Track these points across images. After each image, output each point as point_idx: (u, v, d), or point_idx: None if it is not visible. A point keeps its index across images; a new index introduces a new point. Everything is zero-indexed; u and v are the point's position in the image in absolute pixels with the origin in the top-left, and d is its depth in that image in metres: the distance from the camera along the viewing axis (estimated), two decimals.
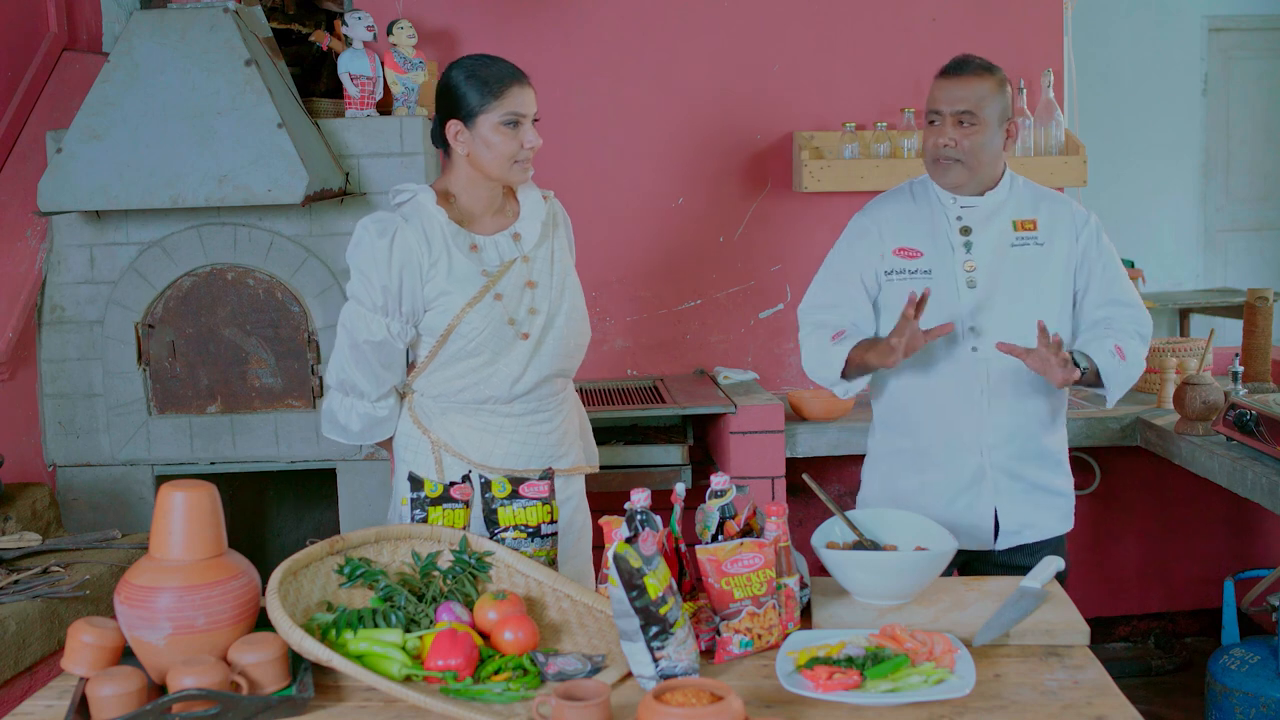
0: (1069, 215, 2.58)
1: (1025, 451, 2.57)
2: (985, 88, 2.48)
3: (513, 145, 2.38)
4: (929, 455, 2.60)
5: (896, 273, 2.56)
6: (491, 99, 2.36)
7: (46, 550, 3.04)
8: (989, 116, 2.48)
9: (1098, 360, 2.46)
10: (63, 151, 3.36)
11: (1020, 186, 2.61)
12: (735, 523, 2.01)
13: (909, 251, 2.56)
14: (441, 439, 2.48)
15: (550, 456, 2.52)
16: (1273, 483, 2.88)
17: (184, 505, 1.80)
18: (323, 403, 2.60)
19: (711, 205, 4.06)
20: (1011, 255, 2.53)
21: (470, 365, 2.42)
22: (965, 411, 2.54)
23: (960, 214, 2.55)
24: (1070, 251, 2.55)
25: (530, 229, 2.49)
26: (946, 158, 2.50)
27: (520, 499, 2.14)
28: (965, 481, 2.57)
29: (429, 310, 2.42)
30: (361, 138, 3.61)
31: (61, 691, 1.86)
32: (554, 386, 2.51)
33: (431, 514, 2.13)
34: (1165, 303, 6.18)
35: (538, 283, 2.46)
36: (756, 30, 4.04)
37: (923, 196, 2.61)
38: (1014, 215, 2.55)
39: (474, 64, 2.41)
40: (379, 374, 2.47)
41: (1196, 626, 4.29)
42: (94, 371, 3.64)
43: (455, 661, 1.79)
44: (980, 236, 2.54)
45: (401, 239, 2.38)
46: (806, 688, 1.73)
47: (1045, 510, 2.59)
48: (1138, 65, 6.76)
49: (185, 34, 3.40)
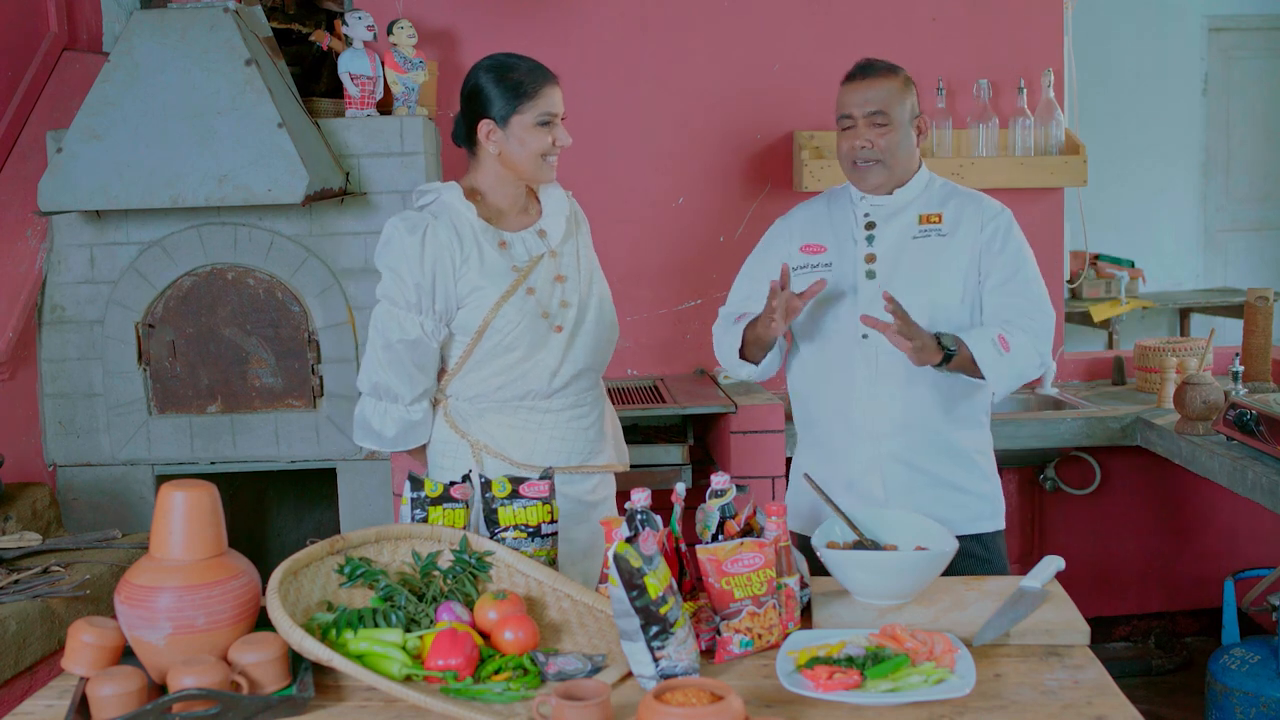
0: (977, 208, 2.57)
1: (924, 443, 2.55)
2: (893, 87, 2.53)
3: (545, 144, 2.43)
4: (827, 445, 2.62)
5: (801, 268, 2.61)
6: (526, 100, 2.41)
7: (47, 550, 3.04)
8: (899, 116, 2.52)
9: (974, 348, 2.41)
10: (63, 151, 3.36)
11: (936, 186, 2.63)
12: (735, 522, 2.01)
13: (814, 247, 2.62)
14: (481, 441, 2.48)
15: (588, 452, 2.54)
16: (1273, 482, 2.88)
17: (184, 505, 1.80)
18: (355, 410, 2.58)
19: (712, 205, 4.06)
20: (912, 246, 2.55)
21: (507, 361, 2.44)
22: (856, 399, 2.55)
23: (868, 210, 2.60)
24: (974, 242, 2.54)
25: (555, 225, 2.53)
26: (865, 159, 2.54)
27: (520, 499, 2.14)
28: (859, 470, 2.56)
29: (462, 307, 2.43)
30: (362, 137, 3.61)
31: (62, 691, 1.86)
32: (589, 380, 2.54)
33: (431, 514, 2.13)
34: (1165, 302, 6.18)
35: (567, 276, 2.50)
36: (756, 30, 4.04)
37: (837, 199, 2.68)
38: (921, 210, 2.58)
39: (505, 64, 2.45)
40: (413, 375, 2.45)
41: (1197, 626, 4.30)
42: (94, 371, 3.64)
43: (455, 661, 1.79)
44: (883, 230, 2.57)
45: (433, 235, 2.40)
46: (807, 687, 1.73)
47: (950, 507, 2.54)
48: (1138, 65, 6.77)
49: (185, 34, 3.40)
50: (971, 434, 2.61)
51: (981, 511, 2.61)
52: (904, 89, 2.54)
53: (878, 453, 2.55)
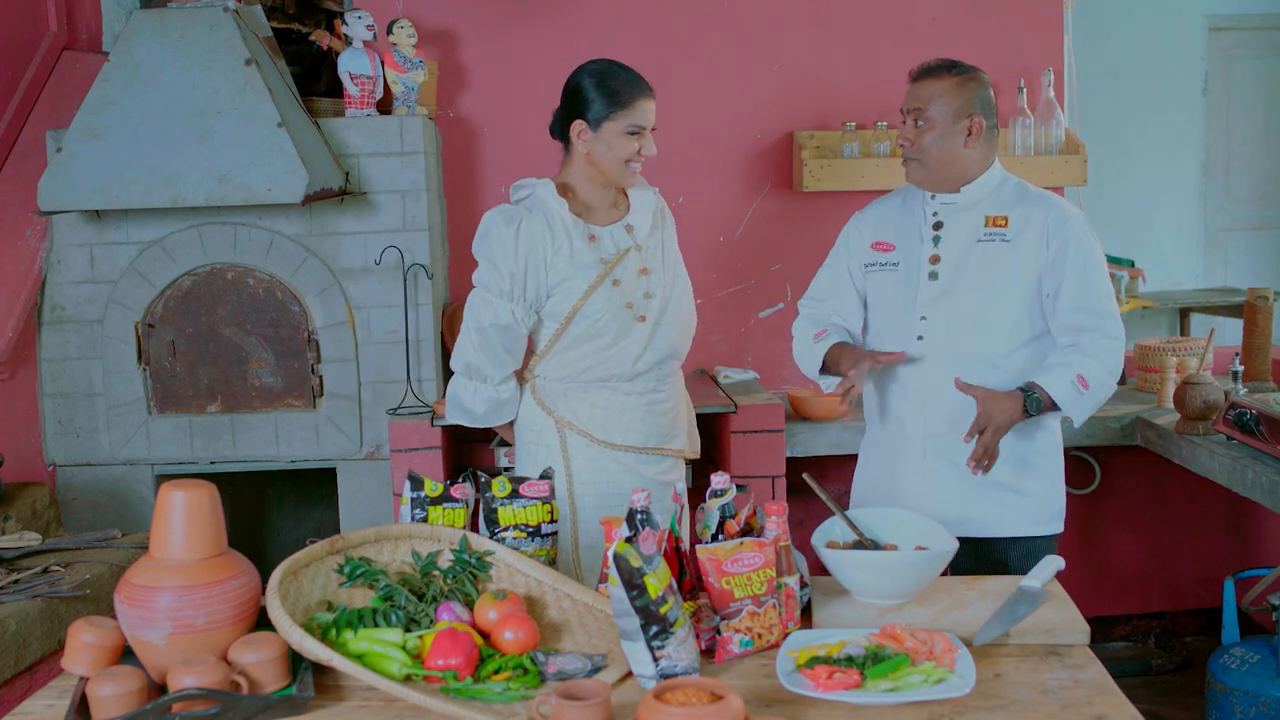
0: (1044, 214, 2.56)
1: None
2: (938, 88, 2.55)
3: (630, 151, 2.57)
4: (884, 443, 2.70)
5: (870, 265, 2.70)
6: (619, 109, 2.55)
7: (46, 550, 3.04)
8: (937, 115, 2.55)
9: (1054, 392, 2.50)
10: (63, 151, 3.36)
11: (1010, 186, 2.63)
12: (735, 522, 2.01)
13: (883, 245, 2.69)
14: (566, 418, 2.63)
15: (665, 435, 2.69)
16: (1273, 482, 2.88)
17: (184, 505, 1.80)
18: (447, 388, 2.75)
19: (712, 204, 4.06)
20: (977, 251, 2.57)
21: (595, 346, 2.59)
22: (906, 397, 2.62)
23: (937, 210, 2.63)
24: (1039, 251, 2.54)
25: (642, 220, 2.67)
26: (906, 156, 2.61)
27: (520, 498, 2.14)
28: (909, 468, 2.63)
29: (551, 296, 2.58)
30: (361, 137, 3.61)
31: (62, 691, 1.86)
32: (669, 368, 2.70)
33: (431, 513, 2.13)
34: (1165, 302, 6.17)
35: (651, 270, 2.64)
36: (756, 30, 4.04)
37: (911, 197, 2.70)
38: (988, 211, 2.59)
39: (607, 71, 2.58)
40: (502, 358, 2.61)
41: (1196, 626, 4.29)
42: (94, 371, 3.64)
43: (455, 661, 1.79)
44: (950, 231, 2.60)
45: (527, 228, 2.55)
46: (807, 687, 1.73)
47: (992, 506, 2.57)
48: (1138, 64, 6.76)
49: (185, 33, 3.40)
50: (1032, 438, 2.62)
51: (1034, 515, 2.63)
52: (953, 89, 2.54)
53: (924, 450, 2.61)
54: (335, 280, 3.59)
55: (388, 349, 3.66)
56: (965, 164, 2.59)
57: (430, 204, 3.69)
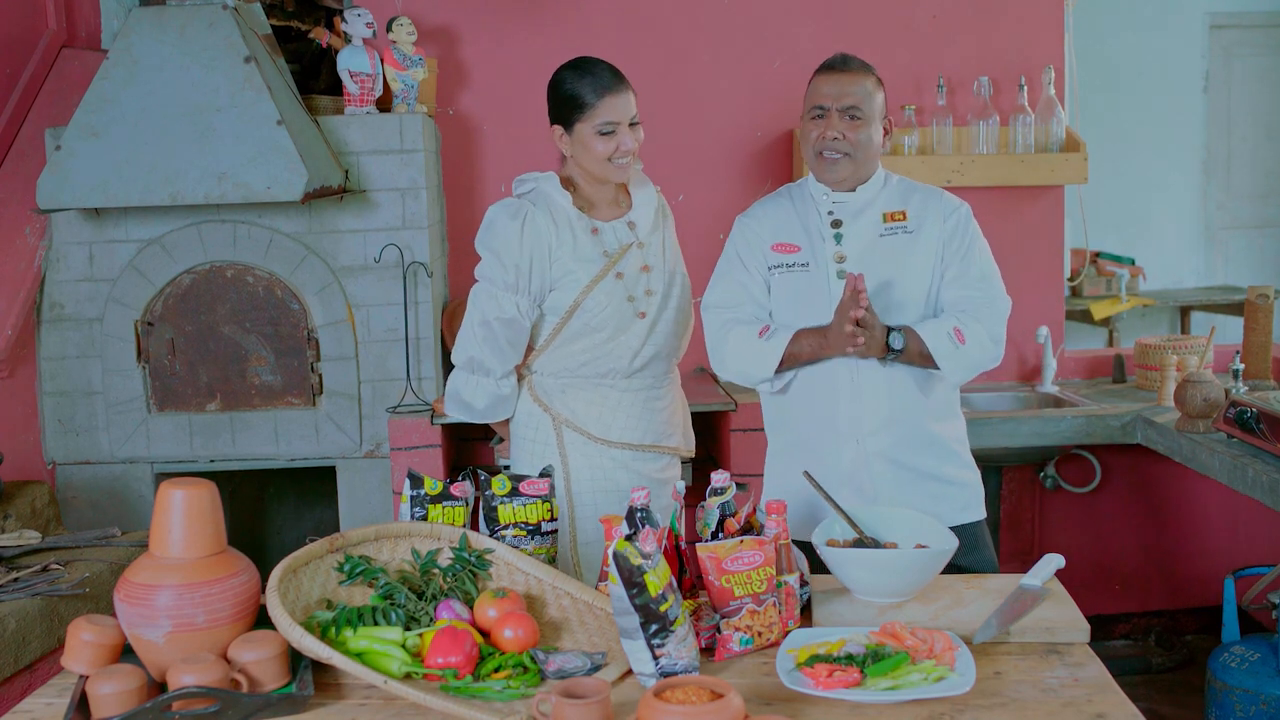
0: (939, 203, 2.60)
1: (908, 438, 2.55)
2: (869, 85, 2.55)
3: (608, 150, 2.57)
4: (808, 447, 2.59)
5: (776, 267, 2.63)
6: (584, 111, 2.55)
7: (46, 548, 3.04)
8: (871, 112, 2.54)
9: (930, 341, 2.47)
10: (61, 149, 3.35)
11: (894, 184, 2.65)
12: (735, 520, 2.01)
13: (787, 246, 2.62)
14: (563, 415, 2.64)
15: (661, 434, 2.70)
16: (1273, 480, 2.88)
17: (184, 503, 1.80)
18: (447, 383, 2.74)
19: (712, 203, 4.05)
20: (881, 245, 2.57)
21: (593, 341, 2.61)
22: (838, 399, 2.55)
23: (832, 208, 2.61)
24: (938, 236, 2.57)
25: (644, 217, 2.69)
26: (835, 151, 2.54)
27: (520, 496, 2.14)
28: (845, 472, 2.55)
29: (554, 289, 2.59)
30: (361, 135, 3.61)
31: (61, 689, 1.86)
32: (666, 365, 2.72)
33: (431, 512, 2.12)
34: (1166, 300, 6.18)
35: (652, 266, 2.67)
36: (757, 28, 4.04)
37: (799, 196, 2.68)
38: (884, 208, 2.60)
39: (573, 73, 2.58)
40: (505, 351, 2.62)
41: (1197, 624, 4.29)
42: (93, 369, 3.64)
43: (455, 659, 1.79)
44: (850, 229, 2.58)
45: (532, 221, 2.57)
46: (807, 685, 1.72)
47: (940, 500, 2.54)
48: (1139, 62, 6.76)
49: (184, 31, 3.39)
50: (949, 424, 2.63)
51: (967, 501, 2.62)
52: (876, 88, 2.56)
53: (863, 451, 2.55)
54: (335, 278, 3.59)
55: (387, 347, 3.66)
56: (875, 163, 2.61)
57: (430, 202, 3.68)
